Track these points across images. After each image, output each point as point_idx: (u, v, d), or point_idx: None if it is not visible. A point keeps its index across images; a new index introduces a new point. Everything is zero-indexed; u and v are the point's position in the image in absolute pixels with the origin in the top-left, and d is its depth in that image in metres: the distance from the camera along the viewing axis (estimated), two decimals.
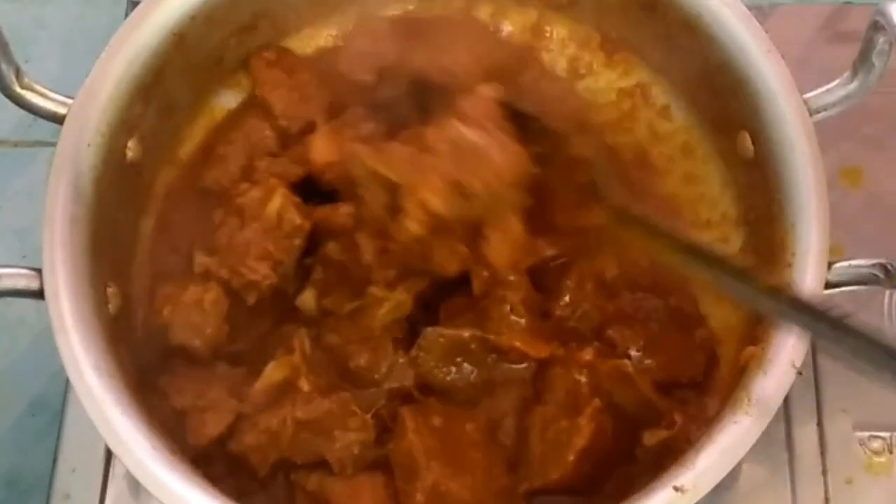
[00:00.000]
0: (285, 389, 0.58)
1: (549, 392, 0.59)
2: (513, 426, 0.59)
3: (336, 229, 0.61)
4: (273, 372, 0.58)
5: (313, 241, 0.62)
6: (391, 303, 0.60)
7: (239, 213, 0.62)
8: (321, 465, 0.58)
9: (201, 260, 0.61)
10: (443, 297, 0.62)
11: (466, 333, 0.59)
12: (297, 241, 0.61)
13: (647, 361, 0.60)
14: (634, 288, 0.62)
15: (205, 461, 0.57)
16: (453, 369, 0.60)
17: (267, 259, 0.60)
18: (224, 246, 0.61)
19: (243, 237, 0.61)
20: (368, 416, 0.58)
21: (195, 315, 0.60)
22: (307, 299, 0.62)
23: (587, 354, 0.58)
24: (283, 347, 0.60)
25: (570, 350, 0.59)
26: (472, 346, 0.59)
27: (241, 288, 0.60)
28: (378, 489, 0.57)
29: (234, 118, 0.69)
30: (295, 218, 0.61)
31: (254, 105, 0.68)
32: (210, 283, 0.60)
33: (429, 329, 0.60)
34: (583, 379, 0.58)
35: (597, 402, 0.57)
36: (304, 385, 0.58)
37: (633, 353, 0.60)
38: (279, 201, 0.61)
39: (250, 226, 0.61)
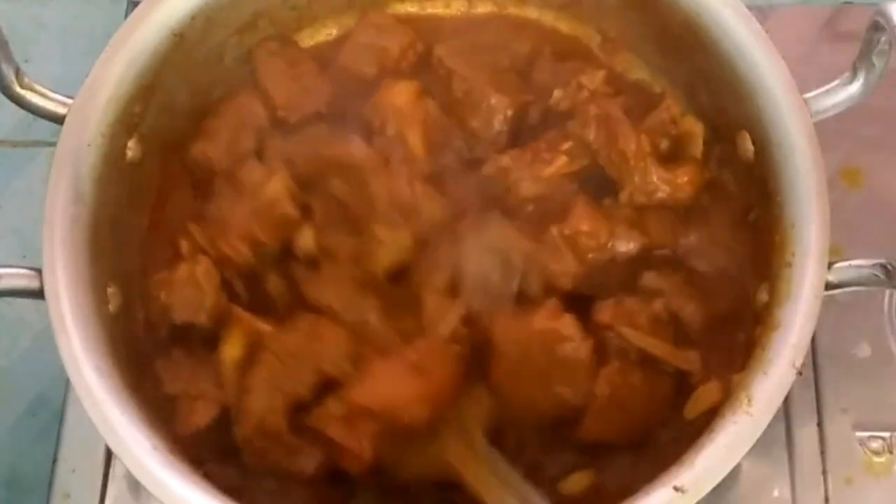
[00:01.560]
0: (253, 359, 0.58)
1: None
2: None
3: (344, 167, 0.60)
4: (229, 351, 0.59)
5: (313, 181, 0.62)
6: (392, 245, 0.60)
7: (238, 187, 0.62)
8: (327, 388, 0.58)
9: (188, 228, 0.62)
10: None
11: None
12: (285, 231, 0.61)
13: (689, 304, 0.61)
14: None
15: (202, 454, 0.57)
16: None
17: (248, 240, 0.60)
18: (214, 217, 0.62)
19: (233, 212, 0.61)
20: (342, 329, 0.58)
21: (191, 291, 0.60)
22: (306, 238, 0.61)
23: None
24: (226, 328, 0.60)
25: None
26: None
27: (217, 262, 0.61)
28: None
29: (229, 96, 0.68)
30: (288, 208, 0.61)
31: (250, 85, 0.68)
32: (198, 257, 0.61)
33: None
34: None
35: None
36: (270, 348, 0.58)
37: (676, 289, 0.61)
38: (278, 187, 0.61)
39: (244, 203, 0.61)
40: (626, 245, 0.62)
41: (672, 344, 0.60)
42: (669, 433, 0.59)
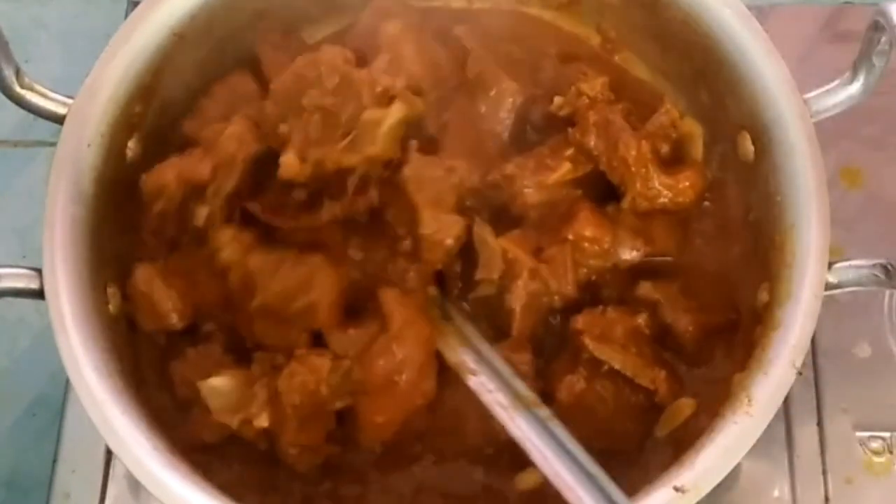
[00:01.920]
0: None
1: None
2: None
3: (320, 74, 0.60)
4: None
5: (289, 110, 0.61)
6: (392, 118, 0.58)
7: (199, 141, 0.62)
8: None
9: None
10: None
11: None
12: (234, 174, 0.60)
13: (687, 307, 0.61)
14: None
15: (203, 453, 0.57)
16: None
17: (185, 171, 0.60)
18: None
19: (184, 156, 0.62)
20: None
21: (149, 298, 0.60)
22: (289, 162, 0.59)
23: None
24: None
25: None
26: None
27: (147, 194, 0.61)
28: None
29: (224, 77, 0.68)
30: (233, 147, 0.60)
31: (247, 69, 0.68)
32: (142, 260, 0.61)
33: None
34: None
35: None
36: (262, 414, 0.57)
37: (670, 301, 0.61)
38: (234, 128, 0.61)
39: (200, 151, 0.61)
40: (629, 253, 0.62)
41: (648, 359, 0.59)
42: (646, 446, 0.59)
